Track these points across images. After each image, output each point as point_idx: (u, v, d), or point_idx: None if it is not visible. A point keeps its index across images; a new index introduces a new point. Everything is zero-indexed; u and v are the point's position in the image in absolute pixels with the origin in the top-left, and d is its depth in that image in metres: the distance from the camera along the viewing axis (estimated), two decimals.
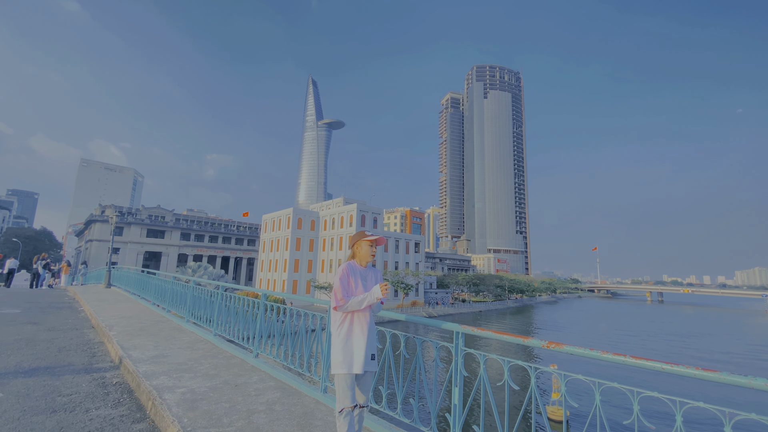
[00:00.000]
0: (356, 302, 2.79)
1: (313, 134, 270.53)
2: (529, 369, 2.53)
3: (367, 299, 2.80)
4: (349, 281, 2.88)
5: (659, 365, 1.96)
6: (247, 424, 3.31)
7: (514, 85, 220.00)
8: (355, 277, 2.91)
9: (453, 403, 2.83)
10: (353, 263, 3.01)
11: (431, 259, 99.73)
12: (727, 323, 76.68)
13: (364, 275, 2.99)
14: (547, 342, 2.42)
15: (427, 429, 3.00)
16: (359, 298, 2.80)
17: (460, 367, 2.89)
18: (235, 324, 6.23)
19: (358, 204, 65.67)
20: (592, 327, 65.04)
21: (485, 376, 2.76)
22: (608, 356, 2.15)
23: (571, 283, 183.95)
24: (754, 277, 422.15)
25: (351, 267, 2.96)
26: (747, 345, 49.45)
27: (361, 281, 2.94)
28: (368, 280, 3.00)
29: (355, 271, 2.95)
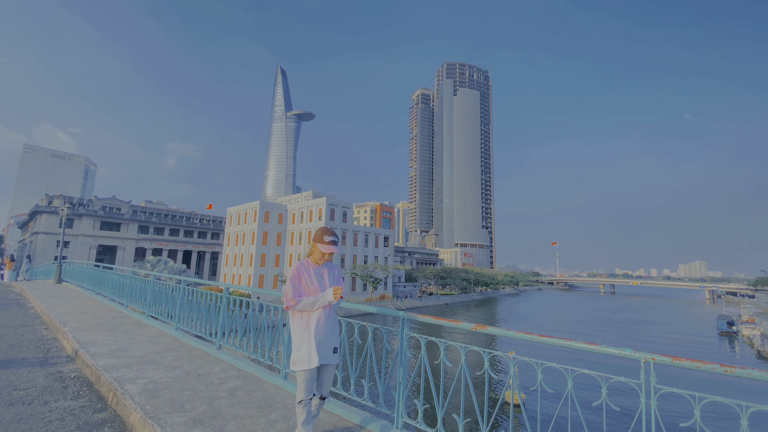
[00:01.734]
0: (308, 303, 2.85)
1: (281, 125, 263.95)
2: (483, 353, 2.94)
3: (319, 301, 2.85)
4: (301, 281, 2.92)
5: (557, 341, 2.41)
6: (209, 409, 3.53)
7: (483, 83, 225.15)
8: (308, 276, 2.94)
9: (398, 381, 3.22)
10: (307, 262, 3.03)
11: (400, 253, 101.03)
12: (669, 312, 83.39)
13: (319, 273, 3.01)
14: (475, 324, 2.84)
15: (375, 405, 3.37)
16: (311, 300, 2.85)
17: (404, 349, 3.28)
18: (198, 318, 6.32)
19: (328, 198, 65.34)
20: (551, 317, 68.73)
21: (425, 356, 3.16)
22: (521, 335, 2.59)
23: (533, 276, 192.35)
24: (695, 270, 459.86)
25: (304, 266, 2.98)
26: (680, 332, 54.24)
27: (317, 279, 2.96)
28: (324, 277, 3.01)
29: (308, 270, 2.97)
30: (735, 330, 51.08)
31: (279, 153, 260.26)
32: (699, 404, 1.93)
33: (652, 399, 2.04)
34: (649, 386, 2.05)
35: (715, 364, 1.90)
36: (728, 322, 52.78)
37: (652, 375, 2.06)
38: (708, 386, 21.69)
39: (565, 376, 2.40)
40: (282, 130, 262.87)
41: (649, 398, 2.04)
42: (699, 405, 1.93)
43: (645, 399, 2.05)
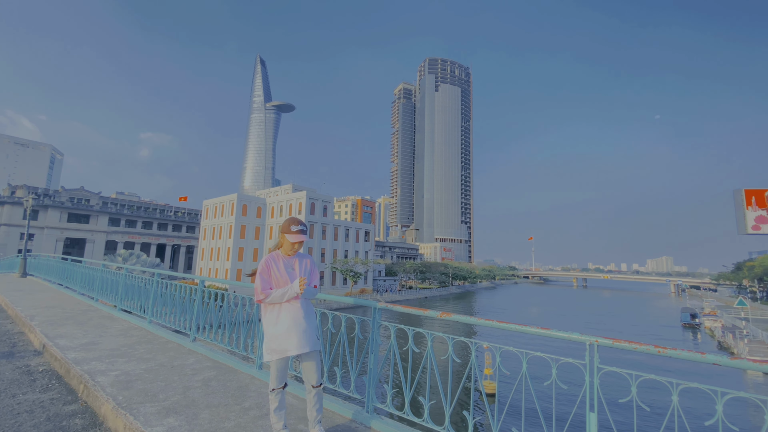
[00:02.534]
0: (277, 296, 2.86)
1: (260, 116, 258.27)
2: (448, 339, 3.11)
3: (288, 293, 2.86)
4: (271, 274, 2.92)
5: (514, 326, 2.60)
6: (183, 398, 3.57)
7: (464, 80, 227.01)
8: (278, 268, 2.94)
9: (369, 367, 3.36)
10: (276, 254, 3.02)
11: (381, 248, 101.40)
12: (637, 305, 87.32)
13: (289, 264, 3.00)
14: (441, 312, 3.00)
15: (347, 391, 3.50)
16: (280, 292, 2.86)
17: (376, 337, 3.42)
18: (172, 311, 6.28)
19: (308, 191, 64.74)
20: (525, 310, 70.80)
21: (395, 343, 3.31)
22: (482, 321, 2.77)
23: (509, 270, 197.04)
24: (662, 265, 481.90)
25: (273, 259, 2.98)
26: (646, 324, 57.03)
27: (286, 271, 2.96)
28: (295, 268, 3.01)
29: (277, 263, 2.96)
30: (698, 322, 54.04)
31: (257, 145, 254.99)
32: (635, 381, 2.15)
33: (595, 377, 2.25)
34: (592, 366, 2.26)
35: (649, 346, 2.12)
36: (691, 315, 55.79)
37: (596, 356, 2.27)
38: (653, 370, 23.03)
39: (521, 359, 2.60)
40: (261, 121, 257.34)
41: (592, 377, 2.25)
42: (635, 382, 2.15)
43: (589, 377, 2.26)
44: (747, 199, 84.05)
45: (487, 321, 2.75)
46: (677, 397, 2.02)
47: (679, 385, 2.01)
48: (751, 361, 1.88)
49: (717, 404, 1.92)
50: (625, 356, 26.61)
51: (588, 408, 2.23)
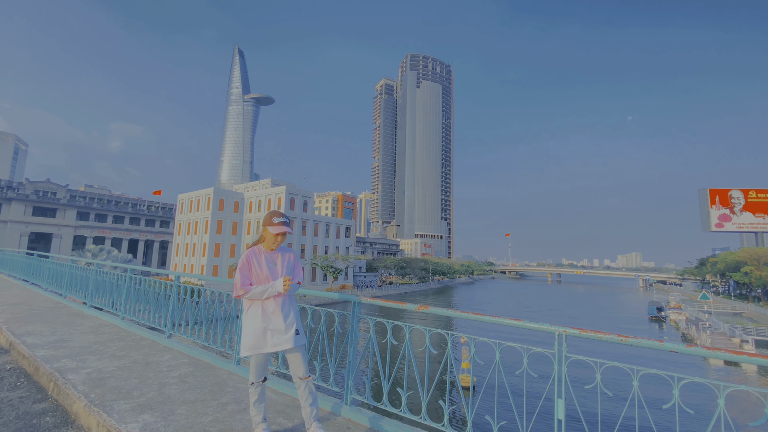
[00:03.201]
0: (258, 292, 2.79)
1: (238, 108, 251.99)
2: (425, 331, 3.19)
3: (268, 291, 2.78)
4: (251, 269, 2.84)
5: (488, 318, 2.71)
6: (158, 395, 3.52)
7: (445, 77, 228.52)
8: (259, 264, 2.86)
9: (348, 360, 3.41)
10: (258, 249, 2.92)
11: (362, 244, 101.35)
12: (607, 299, 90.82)
13: (271, 260, 2.92)
14: (419, 305, 3.08)
15: (327, 384, 3.54)
16: (260, 289, 2.79)
17: (355, 330, 3.46)
18: (146, 308, 6.13)
19: (288, 186, 63.91)
20: (502, 304, 72.52)
21: (374, 337, 3.37)
22: (458, 314, 2.87)
23: (487, 265, 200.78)
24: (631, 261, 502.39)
25: (254, 253, 2.89)
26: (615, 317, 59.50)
27: (268, 266, 2.88)
28: (277, 264, 2.93)
29: (259, 258, 2.88)
30: (663, 315, 56.75)
31: (235, 138, 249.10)
32: (600, 369, 2.29)
33: (564, 366, 2.37)
34: (561, 355, 2.38)
35: (612, 335, 2.26)
36: (658, 308, 58.52)
37: (564, 345, 2.39)
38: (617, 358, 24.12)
39: (494, 349, 2.71)
40: (239, 113, 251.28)
41: (561, 365, 2.37)
42: (600, 369, 2.29)
43: (558, 366, 2.38)
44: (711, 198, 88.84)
45: (463, 313, 2.84)
46: (638, 382, 2.16)
47: (639, 371, 2.15)
48: (706, 348, 2.03)
49: (674, 389, 2.06)
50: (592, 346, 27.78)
51: (556, 395, 2.35)
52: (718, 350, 2.08)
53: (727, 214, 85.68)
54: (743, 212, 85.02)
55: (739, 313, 62.08)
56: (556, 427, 2.31)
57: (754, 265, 64.36)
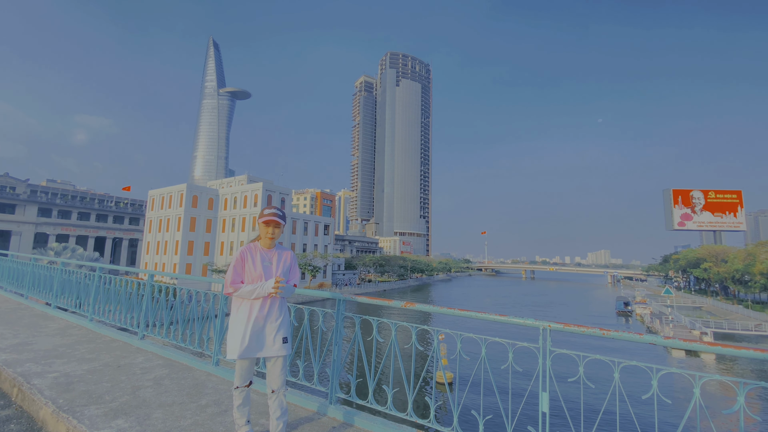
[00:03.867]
0: (246, 291, 2.64)
1: (213, 102, 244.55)
2: (412, 328, 3.18)
3: (257, 291, 2.63)
4: (244, 266, 2.71)
5: (474, 314, 2.73)
6: (132, 399, 3.37)
7: (424, 76, 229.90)
8: (253, 261, 2.72)
9: (333, 359, 3.36)
10: (254, 245, 2.79)
11: (341, 242, 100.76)
12: (578, 295, 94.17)
13: (266, 258, 2.77)
14: (405, 302, 3.07)
15: (311, 384, 3.49)
16: (250, 288, 2.64)
17: (340, 329, 3.43)
18: (117, 308, 5.86)
19: (265, 183, 62.70)
20: (479, 301, 73.95)
21: (359, 334, 3.35)
22: (444, 310, 2.88)
23: (464, 263, 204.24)
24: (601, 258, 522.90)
25: (250, 250, 2.75)
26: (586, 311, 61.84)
27: (263, 264, 2.73)
28: (272, 263, 2.77)
29: (254, 255, 2.74)
30: (630, 309, 59.39)
31: (209, 133, 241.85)
32: (582, 362, 2.35)
33: (548, 360, 2.42)
34: (545, 349, 2.43)
35: (595, 329, 2.32)
36: (625, 303, 61.21)
37: (548, 340, 2.44)
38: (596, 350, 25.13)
39: (480, 345, 2.74)
40: (213, 107, 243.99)
41: (545, 359, 2.42)
42: (582, 362, 2.35)
43: (542, 360, 2.43)
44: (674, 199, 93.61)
45: (449, 309, 2.86)
46: (618, 374, 2.23)
47: (620, 363, 2.23)
48: (680, 340, 2.12)
49: (653, 379, 2.15)
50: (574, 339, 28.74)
51: (541, 388, 2.40)
52: (693, 342, 2.18)
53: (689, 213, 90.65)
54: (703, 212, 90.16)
55: (699, 307, 65.80)
56: (540, 420, 2.36)
57: (712, 261, 68.28)
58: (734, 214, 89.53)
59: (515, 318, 2.59)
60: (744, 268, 56.02)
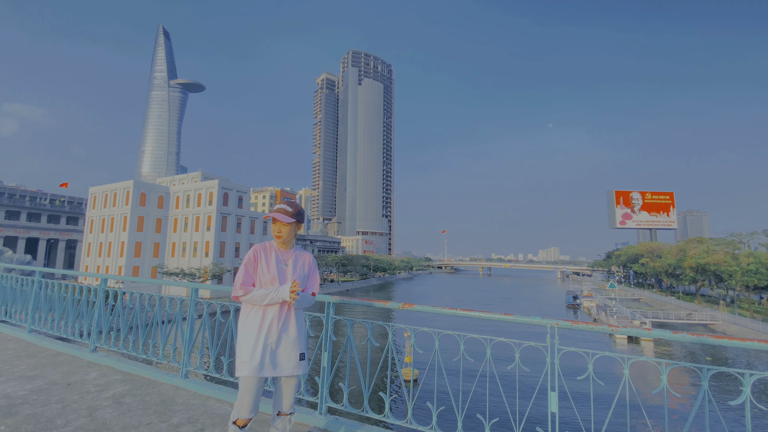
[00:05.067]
0: (258, 296, 2.29)
1: (162, 94, 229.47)
2: (411, 330, 3.03)
3: (270, 296, 2.28)
4: (257, 267, 2.37)
5: (477, 314, 2.64)
6: (89, 422, 2.94)
7: (387, 76, 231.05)
8: (267, 262, 2.38)
9: (323, 366, 3.14)
10: (269, 244, 2.47)
11: (302, 241, 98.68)
12: (531, 290, 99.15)
13: (282, 260, 2.43)
14: (403, 303, 2.92)
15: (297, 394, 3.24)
16: (262, 293, 2.29)
17: (330, 334, 3.21)
18: (63, 317, 5.20)
19: (221, 180, 59.84)
20: (439, 297, 75.59)
21: (352, 338, 3.15)
22: (445, 311, 2.76)
23: (425, 261, 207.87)
24: (551, 255, 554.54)
25: (264, 249, 2.42)
26: (539, 306, 65.30)
27: (277, 267, 2.39)
28: (288, 266, 2.44)
29: (268, 255, 2.41)
30: (578, 303, 63.38)
31: (159, 126, 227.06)
32: (592, 359, 2.32)
33: (556, 358, 2.38)
34: (553, 348, 2.39)
35: (603, 325, 2.31)
36: (573, 297, 65.26)
37: (556, 338, 2.40)
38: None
39: (485, 345, 2.65)
40: (163, 99, 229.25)
41: (553, 357, 2.38)
42: (592, 360, 2.32)
43: (550, 358, 2.38)
44: (616, 199, 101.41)
45: (451, 310, 2.74)
46: (628, 370, 2.22)
47: (630, 359, 2.22)
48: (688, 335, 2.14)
49: (662, 374, 2.16)
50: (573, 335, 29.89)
51: (549, 387, 2.35)
52: (702, 336, 2.21)
53: (629, 213, 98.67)
54: (641, 211, 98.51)
55: (638, 299, 71.69)
56: (549, 420, 2.31)
57: (649, 257, 74.63)
58: (667, 213, 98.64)
59: (522, 317, 2.53)
60: (676, 262, 61.73)
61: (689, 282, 60.50)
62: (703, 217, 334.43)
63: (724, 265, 48.26)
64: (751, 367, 30.24)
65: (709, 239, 63.23)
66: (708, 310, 48.72)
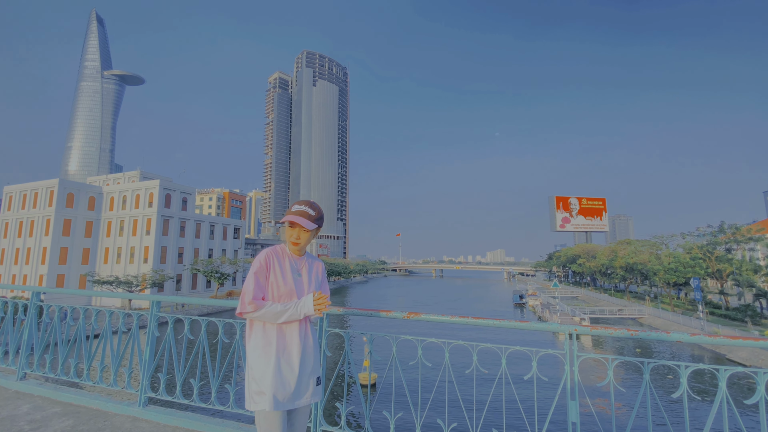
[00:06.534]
0: (273, 312, 1.92)
1: (95, 85, 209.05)
2: (417, 342, 2.81)
3: (289, 311, 1.93)
4: (268, 276, 2.00)
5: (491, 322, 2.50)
6: None
7: (342, 79, 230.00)
8: (282, 270, 2.03)
9: None
10: (282, 250, 2.11)
11: (252, 246, 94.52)
12: (481, 290, 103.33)
13: (296, 268, 2.10)
14: (407, 313, 2.71)
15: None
16: (279, 308, 1.92)
17: (324, 349, 2.90)
18: None
19: (162, 180, 55.64)
20: (394, 301, 76.14)
21: (349, 352, 2.87)
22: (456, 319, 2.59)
23: (380, 264, 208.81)
24: (498, 256, 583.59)
25: (277, 255, 2.07)
26: (489, 306, 68.17)
27: (293, 277, 2.06)
28: (303, 275, 2.12)
29: (282, 262, 2.06)
30: (524, 301, 66.96)
31: (90, 120, 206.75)
32: (612, 365, 2.26)
33: (575, 365, 2.29)
34: (572, 354, 2.30)
35: (622, 329, 2.26)
36: (520, 296, 68.86)
37: (575, 344, 2.31)
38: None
39: (500, 355, 2.51)
40: (95, 91, 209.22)
41: (573, 365, 2.29)
42: (612, 365, 2.26)
43: (569, 366, 2.29)
44: (557, 204, 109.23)
45: (462, 318, 2.57)
46: (648, 375, 2.19)
47: (651, 363, 2.19)
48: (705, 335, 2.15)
49: (682, 377, 2.14)
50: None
51: (570, 396, 2.26)
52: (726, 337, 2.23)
53: (568, 217, 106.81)
54: (578, 216, 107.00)
55: (576, 297, 77.38)
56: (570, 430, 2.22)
57: (585, 257, 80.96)
58: (600, 217, 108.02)
59: (538, 324, 2.42)
60: (608, 262, 67.51)
61: (620, 280, 66.46)
62: (629, 221, 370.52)
63: (649, 264, 53.57)
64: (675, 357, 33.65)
65: (636, 241, 69.97)
66: (636, 305, 53.75)
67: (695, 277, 43.36)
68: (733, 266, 44.13)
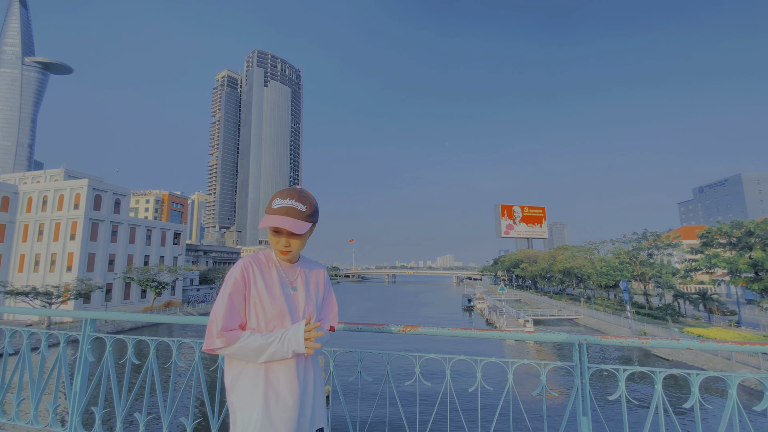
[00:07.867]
0: (250, 349, 1.38)
1: (13, 73, 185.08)
2: (414, 359, 2.53)
3: (271, 348, 1.38)
4: (249, 294, 1.45)
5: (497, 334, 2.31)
6: None
7: (295, 81, 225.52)
8: (268, 286, 1.48)
9: None
10: (266, 257, 1.57)
11: (194, 252, 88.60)
12: (432, 294, 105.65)
13: (288, 281, 1.55)
14: (403, 326, 2.44)
15: None
16: (257, 342, 1.38)
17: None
18: None
19: (91, 180, 50.44)
20: (346, 309, 75.26)
21: (334, 373, 2.53)
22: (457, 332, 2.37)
23: (333, 270, 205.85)
24: (447, 261, 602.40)
25: (256, 264, 1.50)
26: (439, 309, 69.80)
27: (283, 293, 1.51)
28: (299, 289, 1.57)
29: (266, 274, 1.51)
30: (472, 305, 69.34)
31: (6, 111, 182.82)
32: (624, 376, 2.16)
33: (586, 378, 2.16)
34: (583, 366, 2.17)
35: (633, 338, 2.17)
36: (468, 299, 71.25)
37: (585, 355, 2.19)
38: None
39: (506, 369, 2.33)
40: (14, 79, 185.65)
41: (583, 377, 2.16)
42: (624, 376, 2.16)
43: (580, 378, 2.16)
44: (502, 212, 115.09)
45: (464, 330, 2.36)
46: (660, 385, 2.11)
47: (662, 372, 2.11)
48: (716, 342, 2.12)
49: (693, 387, 2.09)
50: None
51: (581, 411, 2.12)
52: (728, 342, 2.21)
53: (512, 224, 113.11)
54: (521, 223, 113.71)
55: (519, 299, 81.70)
56: None
57: (527, 262, 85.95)
58: (540, 225, 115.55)
59: (546, 335, 2.27)
60: (548, 267, 72.18)
61: (558, 283, 71.26)
62: (565, 228, 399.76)
63: (583, 268, 58.06)
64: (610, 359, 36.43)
65: (572, 247, 75.62)
66: (573, 307, 57.88)
67: (624, 280, 47.63)
68: (654, 270, 49.17)
